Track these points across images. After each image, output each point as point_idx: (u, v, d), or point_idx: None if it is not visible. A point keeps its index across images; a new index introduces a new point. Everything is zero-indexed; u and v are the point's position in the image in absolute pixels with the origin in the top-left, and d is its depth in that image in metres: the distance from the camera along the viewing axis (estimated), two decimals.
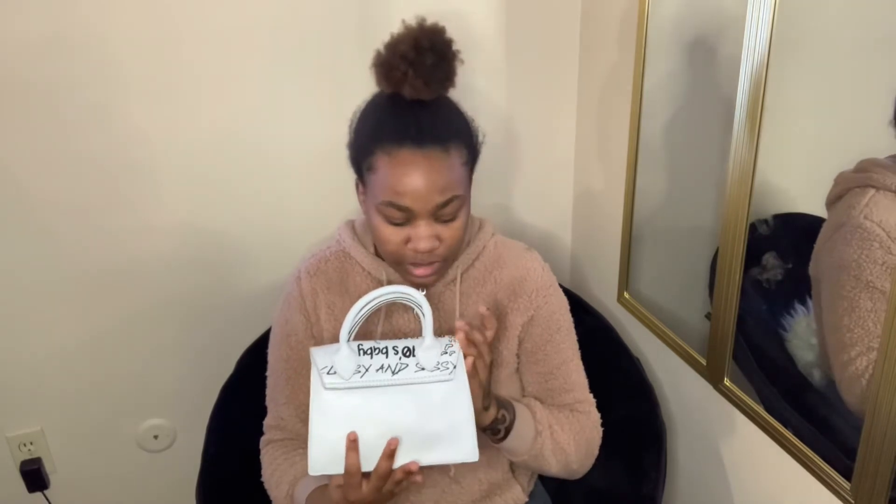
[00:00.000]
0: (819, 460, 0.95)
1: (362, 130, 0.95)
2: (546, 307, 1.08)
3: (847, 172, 0.91)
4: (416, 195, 0.89)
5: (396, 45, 0.88)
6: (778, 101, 0.94)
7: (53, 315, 1.40)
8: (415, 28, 0.89)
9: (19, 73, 1.22)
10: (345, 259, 1.08)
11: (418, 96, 0.89)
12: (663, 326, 1.29)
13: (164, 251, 1.41)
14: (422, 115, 0.90)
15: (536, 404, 1.06)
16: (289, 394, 1.09)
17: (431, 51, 0.87)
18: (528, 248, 1.12)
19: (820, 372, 1.00)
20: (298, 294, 1.07)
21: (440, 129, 0.91)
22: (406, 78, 0.88)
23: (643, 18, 1.19)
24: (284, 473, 1.05)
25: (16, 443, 1.48)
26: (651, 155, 1.28)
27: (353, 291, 1.06)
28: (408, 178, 0.88)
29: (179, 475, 1.43)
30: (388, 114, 0.92)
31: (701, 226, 1.20)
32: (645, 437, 1.23)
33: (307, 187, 1.44)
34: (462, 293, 1.06)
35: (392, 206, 0.90)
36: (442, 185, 0.90)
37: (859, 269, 0.87)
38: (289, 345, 1.08)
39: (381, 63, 0.89)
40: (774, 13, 0.90)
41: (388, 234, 0.94)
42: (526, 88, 1.49)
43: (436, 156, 0.89)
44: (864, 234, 0.87)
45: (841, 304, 0.89)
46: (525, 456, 1.02)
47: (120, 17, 1.23)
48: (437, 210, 0.91)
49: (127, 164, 1.33)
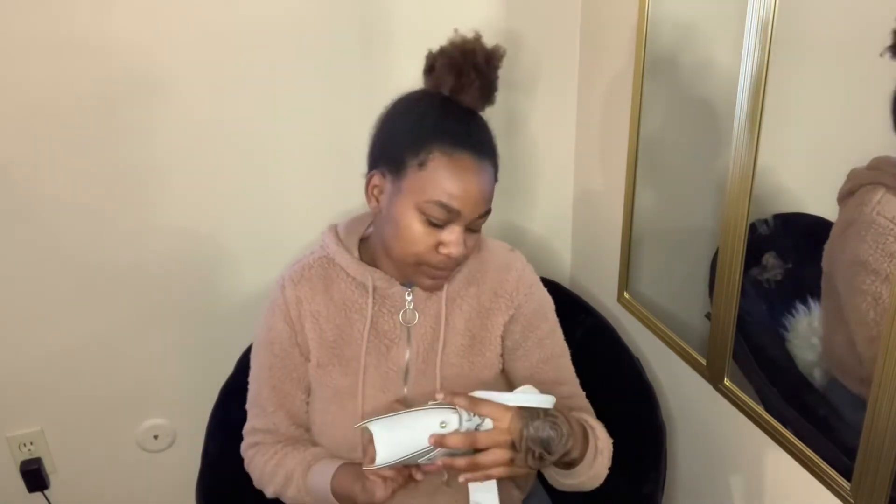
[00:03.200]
0: (819, 460, 0.95)
1: (412, 125, 0.94)
2: (528, 305, 1.07)
3: (859, 169, 0.91)
4: (468, 201, 0.91)
5: (469, 53, 0.90)
6: (778, 101, 0.94)
7: (54, 315, 1.40)
8: (481, 42, 0.92)
9: (21, 73, 1.22)
10: (329, 265, 1.07)
11: (474, 106, 0.93)
12: (663, 326, 1.29)
13: (164, 252, 1.41)
14: (478, 126, 0.94)
15: (592, 420, 1.03)
16: (277, 402, 1.08)
17: (496, 68, 0.92)
18: (512, 248, 1.12)
19: (820, 372, 1.00)
20: (283, 302, 1.07)
21: (489, 143, 0.95)
22: (472, 87, 0.91)
23: (643, 19, 1.19)
24: (286, 459, 1.06)
25: (16, 443, 1.48)
26: (651, 155, 1.28)
27: (338, 298, 1.06)
28: (465, 183, 0.90)
29: (179, 475, 1.42)
30: (448, 116, 0.93)
31: (701, 226, 1.20)
32: (645, 437, 1.23)
33: (307, 189, 1.44)
34: (448, 298, 1.05)
35: (441, 206, 0.90)
36: (488, 195, 0.94)
37: (878, 263, 0.87)
38: (272, 352, 1.07)
39: (451, 66, 0.91)
40: (774, 13, 0.90)
41: (420, 234, 0.93)
42: (526, 89, 1.49)
43: (486, 167, 0.93)
44: (878, 229, 0.88)
45: (864, 298, 0.89)
46: (583, 478, 0.97)
47: (121, 18, 1.23)
48: (476, 219, 0.94)
49: (127, 166, 1.33)
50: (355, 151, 1.01)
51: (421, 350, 1.05)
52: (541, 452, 0.84)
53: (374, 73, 1.38)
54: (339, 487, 0.99)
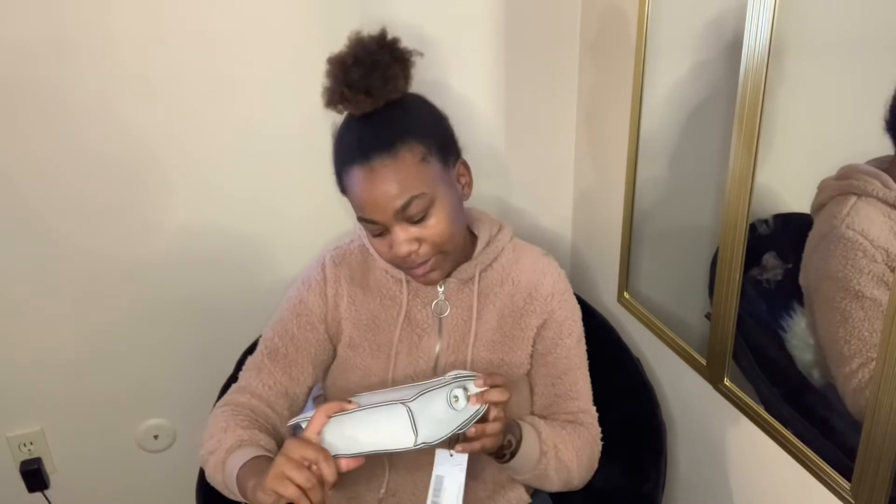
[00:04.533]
0: (819, 460, 0.95)
1: (334, 157, 0.99)
2: (560, 312, 1.09)
3: (829, 180, 0.90)
4: (374, 206, 0.92)
5: (329, 69, 0.92)
6: (778, 101, 0.94)
7: (54, 315, 1.40)
8: (350, 46, 0.93)
9: (22, 74, 1.22)
10: (366, 253, 1.10)
11: (363, 110, 0.92)
12: (663, 326, 1.29)
13: (164, 252, 1.41)
14: (364, 127, 0.93)
15: (542, 423, 1.06)
16: (280, 367, 1.07)
17: (356, 65, 0.91)
18: (546, 253, 1.13)
19: (819, 372, 1.00)
20: (322, 278, 1.08)
21: (383, 136, 0.92)
22: (344, 96, 0.91)
23: (643, 19, 1.19)
24: (231, 432, 0.98)
25: (16, 443, 1.48)
26: (651, 155, 1.27)
27: (374, 287, 1.08)
28: (363, 192, 0.92)
29: (179, 475, 1.42)
30: (343, 135, 0.96)
31: (701, 226, 1.20)
32: (645, 437, 1.23)
33: (307, 189, 1.44)
34: (480, 293, 1.07)
35: (364, 220, 0.95)
36: (395, 190, 0.91)
37: (846, 279, 0.86)
38: (297, 323, 1.08)
39: (324, 92, 0.93)
40: (775, 13, 0.90)
41: (377, 245, 0.99)
42: (526, 89, 1.49)
43: (382, 163, 0.91)
44: (847, 244, 0.86)
45: (834, 315, 0.88)
46: (528, 475, 1.04)
47: (122, 17, 1.23)
48: (400, 214, 0.92)
49: (127, 166, 1.33)
50: None
51: (452, 342, 1.07)
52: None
53: None
54: (243, 476, 0.91)
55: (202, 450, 1.01)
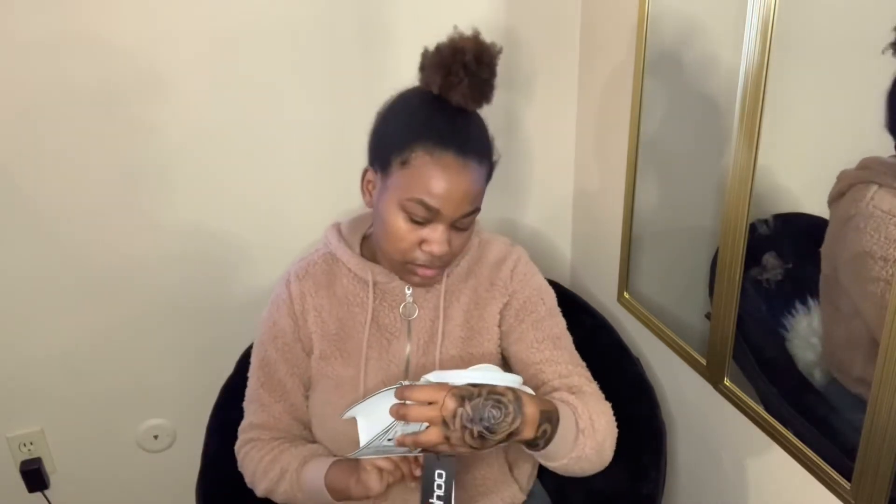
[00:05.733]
0: (819, 460, 0.95)
1: (400, 123, 0.95)
2: (522, 291, 1.08)
3: (849, 170, 0.91)
4: (449, 200, 0.91)
5: (459, 52, 0.89)
6: (777, 101, 0.94)
7: (54, 315, 1.40)
8: (474, 40, 0.90)
9: (22, 74, 1.22)
10: (332, 262, 1.09)
11: (465, 106, 0.92)
12: (663, 326, 1.29)
13: (164, 251, 1.41)
14: (466, 124, 0.93)
15: (575, 399, 0.97)
16: (279, 395, 1.09)
17: (488, 66, 0.90)
18: (513, 243, 1.13)
19: (820, 372, 1.00)
20: (287, 297, 1.08)
21: (478, 143, 0.94)
22: (460, 86, 0.90)
23: (643, 19, 1.19)
24: (283, 455, 1.06)
25: (16, 443, 1.48)
26: (651, 155, 1.27)
27: (340, 293, 1.07)
28: (446, 182, 0.90)
29: (179, 475, 1.42)
30: (435, 115, 0.93)
31: (701, 226, 1.20)
32: (645, 437, 1.23)
33: (308, 188, 1.44)
34: (447, 290, 1.07)
35: (421, 204, 0.91)
36: (473, 196, 0.93)
37: (884, 250, 0.87)
38: (276, 347, 1.09)
39: (440, 65, 0.90)
40: (774, 13, 0.90)
41: (404, 231, 0.94)
42: (526, 89, 1.49)
43: (473, 167, 0.92)
44: (878, 219, 0.88)
45: (876, 285, 0.89)
46: (565, 460, 0.92)
47: (122, 18, 1.23)
48: (460, 218, 0.93)
49: (128, 166, 1.33)
50: (357, 150, 1.01)
51: (421, 343, 1.06)
52: (480, 431, 0.81)
53: (375, 72, 1.38)
54: (334, 481, 0.99)
55: (261, 485, 1.08)
